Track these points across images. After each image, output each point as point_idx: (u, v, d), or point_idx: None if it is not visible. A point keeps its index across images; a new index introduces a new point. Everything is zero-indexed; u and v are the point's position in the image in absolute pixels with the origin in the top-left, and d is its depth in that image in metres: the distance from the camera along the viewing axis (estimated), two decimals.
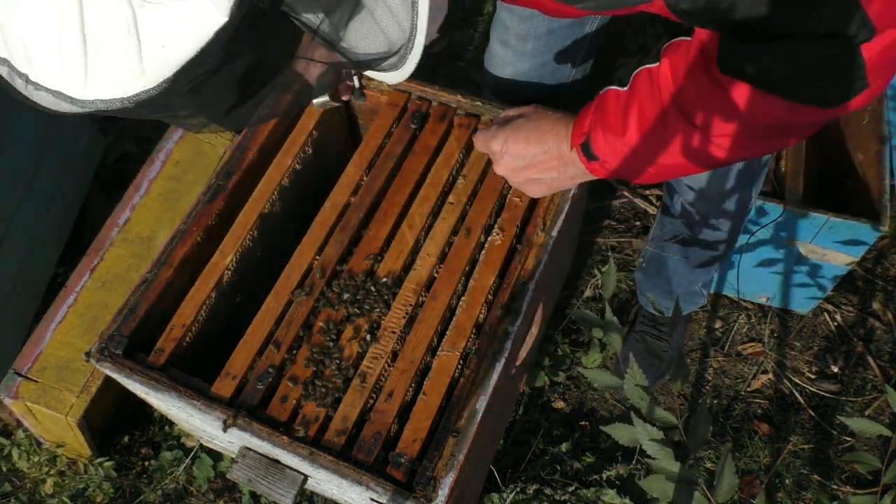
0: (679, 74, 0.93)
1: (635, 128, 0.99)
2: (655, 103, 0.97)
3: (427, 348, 1.15)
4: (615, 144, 1.02)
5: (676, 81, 0.94)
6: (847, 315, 1.91)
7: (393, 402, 1.11)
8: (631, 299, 1.92)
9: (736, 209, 1.41)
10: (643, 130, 0.99)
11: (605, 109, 1.03)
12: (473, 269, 1.23)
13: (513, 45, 1.39)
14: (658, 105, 0.96)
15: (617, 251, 2.00)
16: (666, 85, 0.95)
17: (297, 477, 1.10)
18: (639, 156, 1.01)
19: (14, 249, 1.69)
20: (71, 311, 1.57)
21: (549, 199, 1.27)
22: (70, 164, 1.86)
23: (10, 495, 1.67)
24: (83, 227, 2.00)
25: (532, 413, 1.78)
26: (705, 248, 1.51)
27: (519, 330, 1.17)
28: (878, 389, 1.80)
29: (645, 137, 0.99)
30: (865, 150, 1.75)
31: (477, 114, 1.36)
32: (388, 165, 1.32)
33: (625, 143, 1.01)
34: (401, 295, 1.20)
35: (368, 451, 1.07)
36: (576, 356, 1.85)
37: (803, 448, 1.74)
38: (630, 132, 1.00)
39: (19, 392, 1.49)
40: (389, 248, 1.25)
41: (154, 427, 1.75)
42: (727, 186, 1.34)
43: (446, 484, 1.03)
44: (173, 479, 1.68)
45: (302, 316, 1.18)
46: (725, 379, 1.83)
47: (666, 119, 0.96)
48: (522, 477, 1.67)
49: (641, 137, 1.00)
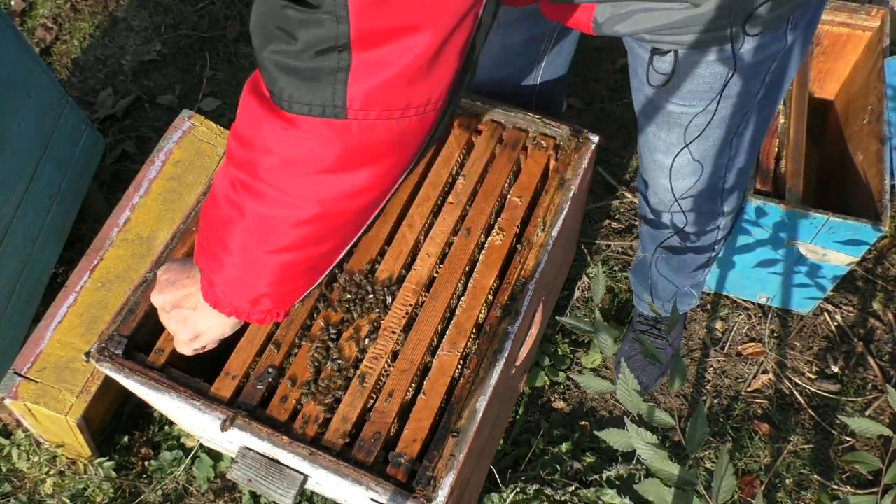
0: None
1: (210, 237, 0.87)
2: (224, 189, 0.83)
3: (427, 348, 1.15)
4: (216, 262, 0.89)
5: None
6: (847, 315, 1.91)
7: (393, 402, 1.11)
8: (631, 298, 1.92)
9: (709, 218, 1.42)
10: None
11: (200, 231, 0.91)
12: (473, 269, 1.23)
13: None
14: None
15: (616, 251, 2.00)
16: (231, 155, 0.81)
17: (297, 477, 1.10)
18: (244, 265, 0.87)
19: (14, 249, 1.69)
20: (71, 311, 1.57)
21: (549, 199, 1.27)
22: (70, 164, 1.86)
23: (10, 495, 1.67)
24: (83, 227, 2.00)
25: (532, 413, 1.78)
26: (681, 253, 1.52)
27: (519, 330, 1.17)
28: (878, 389, 1.80)
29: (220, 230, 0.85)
30: (865, 150, 1.75)
31: (477, 114, 1.36)
32: None
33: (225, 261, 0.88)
34: (401, 295, 1.20)
35: (368, 451, 1.07)
36: (576, 356, 1.85)
37: (803, 448, 1.73)
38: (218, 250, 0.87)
39: (19, 392, 1.49)
40: (389, 248, 1.25)
41: (154, 427, 1.75)
42: (699, 195, 1.34)
43: (446, 484, 1.03)
44: (173, 480, 1.68)
45: (302, 316, 1.18)
46: (725, 379, 1.83)
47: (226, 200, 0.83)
48: (522, 477, 1.67)
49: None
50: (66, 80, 2.40)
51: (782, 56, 1.07)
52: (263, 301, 0.92)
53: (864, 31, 1.90)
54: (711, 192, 1.33)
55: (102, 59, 2.45)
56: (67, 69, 2.43)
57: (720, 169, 1.28)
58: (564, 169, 1.30)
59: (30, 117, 1.70)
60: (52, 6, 2.57)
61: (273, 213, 0.80)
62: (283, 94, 0.70)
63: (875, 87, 1.78)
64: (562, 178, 1.29)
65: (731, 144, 1.22)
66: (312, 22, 0.65)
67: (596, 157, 1.38)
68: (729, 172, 1.29)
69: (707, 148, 1.21)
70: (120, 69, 2.42)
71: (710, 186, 1.31)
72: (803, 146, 1.70)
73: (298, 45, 0.67)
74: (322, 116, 0.70)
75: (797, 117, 1.73)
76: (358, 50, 0.66)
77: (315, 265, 0.90)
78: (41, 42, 2.49)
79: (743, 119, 1.16)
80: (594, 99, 2.29)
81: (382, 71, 0.68)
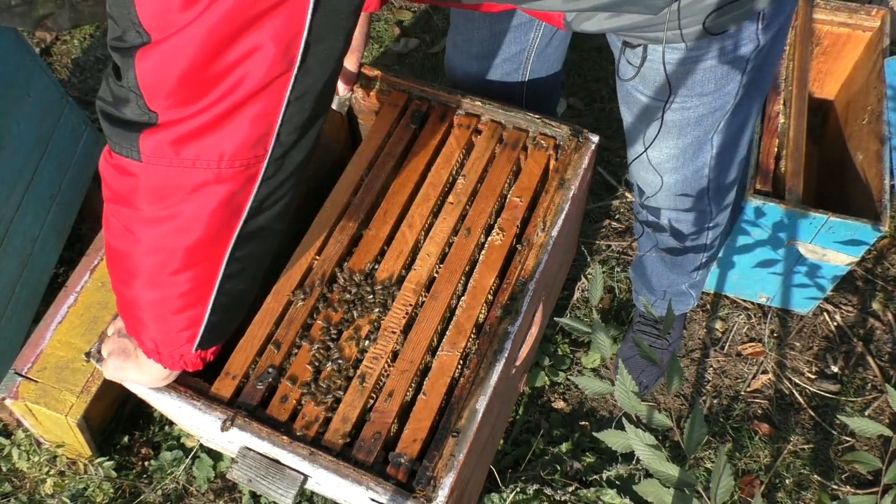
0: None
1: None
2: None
3: (427, 348, 1.15)
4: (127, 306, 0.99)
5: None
6: (847, 315, 1.91)
7: (393, 402, 1.11)
8: (631, 298, 1.92)
9: (699, 218, 1.42)
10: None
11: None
12: (473, 269, 1.23)
13: (460, 48, 1.40)
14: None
15: (616, 251, 2.00)
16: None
17: (297, 477, 1.10)
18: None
19: (14, 249, 1.69)
20: (71, 311, 1.57)
21: (549, 199, 1.27)
22: (70, 164, 1.86)
23: (10, 495, 1.67)
24: (83, 227, 2.00)
25: (532, 413, 1.78)
26: (677, 252, 1.52)
27: (519, 330, 1.17)
28: (878, 389, 1.80)
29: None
30: (865, 150, 1.75)
31: (477, 114, 1.36)
32: (388, 165, 1.32)
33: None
34: (401, 295, 1.20)
35: (368, 451, 1.07)
36: (576, 356, 1.85)
37: (803, 448, 1.73)
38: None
39: (19, 392, 1.49)
40: (389, 248, 1.25)
41: (154, 427, 1.75)
42: (685, 193, 1.34)
43: (446, 484, 1.03)
44: (173, 479, 1.68)
45: (302, 316, 1.18)
46: (725, 379, 1.83)
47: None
48: (522, 477, 1.67)
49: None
50: (66, 80, 2.40)
51: (756, 56, 1.07)
52: (147, 341, 1.01)
53: (864, 31, 1.90)
54: (697, 192, 1.34)
55: (102, 59, 2.45)
56: (67, 69, 2.43)
57: (702, 168, 1.28)
58: (564, 169, 1.30)
59: (30, 117, 1.70)
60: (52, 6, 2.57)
61: (119, 245, 0.91)
62: (108, 134, 0.83)
63: (875, 87, 1.78)
64: (562, 178, 1.29)
65: (712, 142, 1.22)
66: (121, 90, 0.79)
67: (596, 157, 1.38)
68: (713, 171, 1.30)
69: (686, 145, 1.22)
70: None
71: (694, 185, 1.32)
72: (803, 146, 1.70)
73: (113, 102, 0.81)
74: (125, 157, 0.82)
75: (797, 117, 1.73)
76: (157, 111, 0.79)
77: (182, 304, 0.95)
78: (41, 42, 2.49)
79: (722, 118, 1.17)
80: (594, 99, 2.29)
81: (176, 127, 0.79)
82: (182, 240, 0.88)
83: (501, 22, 1.30)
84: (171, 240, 0.88)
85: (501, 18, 1.30)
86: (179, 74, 0.75)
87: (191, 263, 0.90)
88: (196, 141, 0.80)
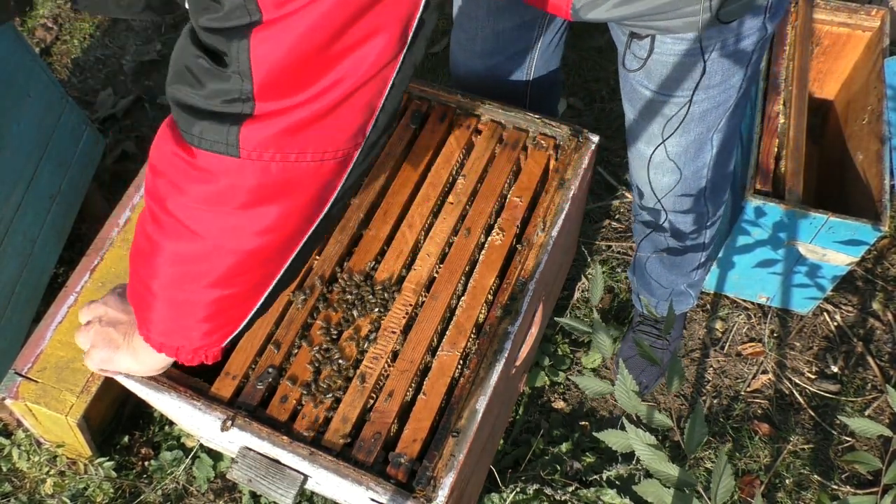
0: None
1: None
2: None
3: (427, 348, 1.15)
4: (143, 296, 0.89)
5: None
6: (847, 315, 1.91)
7: (393, 402, 1.11)
8: (631, 298, 1.92)
9: (696, 219, 1.42)
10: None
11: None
12: (473, 269, 1.23)
13: (464, 46, 1.39)
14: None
15: (616, 251, 2.00)
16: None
17: (297, 477, 1.10)
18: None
19: (14, 249, 1.69)
20: (71, 312, 1.56)
21: (549, 199, 1.27)
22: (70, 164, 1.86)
23: (10, 495, 1.67)
24: (83, 227, 2.00)
25: (532, 413, 1.78)
26: (675, 253, 1.52)
27: (519, 330, 1.17)
28: (878, 389, 1.80)
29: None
30: (865, 150, 1.76)
31: (477, 114, 1.36)
32: (387, 165, 1.32)
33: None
34: (401, 295, 1.20)
35: (368, 451, 1.07)
36: (576, 356, 1.85)
37: (803, 448, 1.73)
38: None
39: (19, 392, 1.49)
40: (389, 248, 1.25)
41: (154, 427, 1.75)
42: (683, 194, 1.34)
43: (446, 484, 1.03)
44: (173, 479, 1.68)
45: (302, 316, 1.18)
46: (725, 379, 1.83)
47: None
48: (522, 477, 1.67)
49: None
50: (66, 80, 2.40)
51: (760, 48, 1.08)
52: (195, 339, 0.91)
53: (864, 31, 1.90)
54: (695, 192, 1.34)
55: (102, 59, 2.45)
56: (67, 69, 2.43)
57: (702, 168, 1.28)
58: (564, 169, 1.30)
59: (30, 117, 1.70)
60: (52, 6, 2.57)
61: (178, 247, 0.82)
62: (190, 128, 0.73)
63: (875, 87, 1.78)
64: (562, 178, 1.29)
65: (712, 142, 1.22)
66: (221, 76, 0.70)
67: (596, 157, 1.38)
68: (711, 171, 1.30)
69: (688, 143, 1.22)
70: (120, 69, 2.42)
71: (693, 186, 1.32)
72: (803, 146, 1.70)
73: (205, 91, 0.71)
74: (217, 153, 0.73)
75: (797, 117, 1.73)
76: (261, 100, 0.70)
77: (242, 299, 0.88)
78: (41, 42, 2.49)
79: (724, 114, 1.17)
80: (594, 99, 2.29)
81: (280, 119, 0.71)
82: (264, 241, 0.80)
83: (504, 21, 1.30)
84: (252, 242, 0.80)
85: (504, 17, 1.30)
86: (299, 56, 0.67)
87: (264, 261, 0.83)
88: (302, 132, 0.72)
